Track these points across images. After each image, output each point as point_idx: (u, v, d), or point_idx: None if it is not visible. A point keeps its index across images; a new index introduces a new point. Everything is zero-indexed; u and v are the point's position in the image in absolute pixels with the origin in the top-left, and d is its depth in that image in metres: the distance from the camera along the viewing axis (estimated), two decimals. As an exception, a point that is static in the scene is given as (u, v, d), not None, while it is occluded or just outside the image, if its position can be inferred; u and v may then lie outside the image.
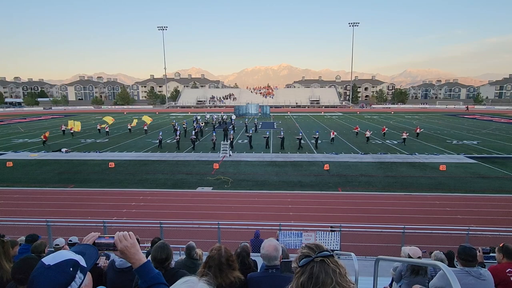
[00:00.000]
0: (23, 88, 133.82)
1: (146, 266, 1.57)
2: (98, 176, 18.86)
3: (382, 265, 4.61)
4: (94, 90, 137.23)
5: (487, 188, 16.20)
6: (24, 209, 13.46)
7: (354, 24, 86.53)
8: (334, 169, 19.97)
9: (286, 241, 8.97)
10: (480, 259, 4.21)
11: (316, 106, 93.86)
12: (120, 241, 1.54)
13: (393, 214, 12.93)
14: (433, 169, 19.81)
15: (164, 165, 21.44)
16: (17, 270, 2.20)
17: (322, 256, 1.38)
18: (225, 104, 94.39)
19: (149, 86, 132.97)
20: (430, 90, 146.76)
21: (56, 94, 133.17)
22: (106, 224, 9.93)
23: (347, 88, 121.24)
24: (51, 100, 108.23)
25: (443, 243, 9.08)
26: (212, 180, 17.76)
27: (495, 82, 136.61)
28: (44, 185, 17.03)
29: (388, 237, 10.30)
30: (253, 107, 66.27)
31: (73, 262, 1.21)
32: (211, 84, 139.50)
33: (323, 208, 13.72)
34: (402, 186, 16.54)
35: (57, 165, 21.43)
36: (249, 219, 12.14)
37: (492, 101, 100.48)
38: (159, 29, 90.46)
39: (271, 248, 2.80)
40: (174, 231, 10.80)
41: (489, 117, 58.24)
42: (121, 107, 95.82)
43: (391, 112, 74.94)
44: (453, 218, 12.47)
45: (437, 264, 2.04)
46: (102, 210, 13.50)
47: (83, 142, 30.92)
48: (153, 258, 2.87)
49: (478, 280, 3.14)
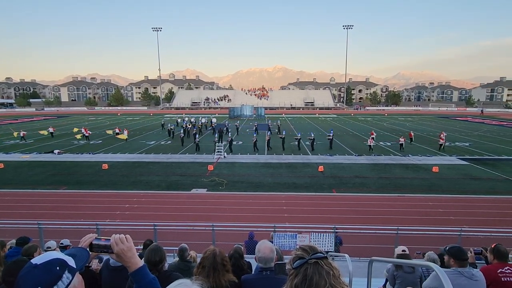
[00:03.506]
0: (15, 88, 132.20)
1: (142, 270, 1.55)
2: (91, 177, 18.67)
3: (376, 266, 4.64)
4: (88, 91, 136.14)
5: (479, 189, 16.40)
6: (15, 211, 13.25)
7: (348, 26, 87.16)
8: (329, 171, 20.05)
9: (281, 243, 8.96)
10: (471, 260, 4.27)
11: (311, 107, 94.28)
12: (116, 244, 1.51)
13: (386, 215, 13.01)
14: (426, 171, 20.00)
15: (158, 167, 21.32)
16: (7, 273, 2.16)
17: (316, 258, 1.38)
18: (219, 106, 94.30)
19: (144, 87, 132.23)
20: (423, 92, 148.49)
21: (48, 95, 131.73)
22: (99, 227, 9.85)
23: (341, 90, 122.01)
24: (44, 101, 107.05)
25: (436, 244, 9.15)
26: (206, 182, 17.70)
27: (486, 84, 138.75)
28: (36, 187, 16.78)
29: (382, 238, 10.35)
30: (248, 109, 66.29)
31: (60, 262, 1.20)
32: (205, 86, 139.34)
33: (318, 209, 13.75)
34: (396, 188, 16.67)
35: (49, 167, 21.17)
36: (243, 220, 12.11)
37: (483, 104, 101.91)
38: (153, 30, 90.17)
39: (267, 250, 2.80)
40: (168, 233, 10.74)
41: (481, 119, 59.05)
42: (114, 108, 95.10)
43: (385, 114, 75.61)
44: (446, 219, 12.59)
45: (429, 265, 2.06)
46: (95, 212, 13.37)
47: (76, 143, 30.60)
48: (147, 261, 2.85)
49: (471, 280, 3.17)
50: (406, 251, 5.09)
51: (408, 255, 5.10)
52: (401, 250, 5.08)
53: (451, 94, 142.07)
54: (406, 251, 5.09)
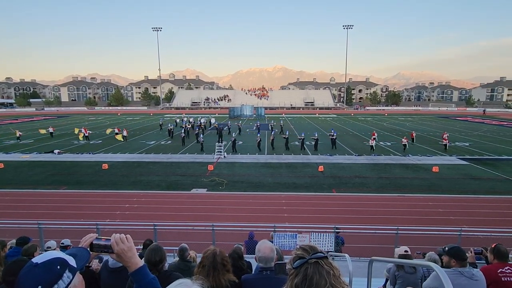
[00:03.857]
0: (15, 88, 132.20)
1: (142, 270, 1.55)
2: (91, 177, 18.68)
3: (376, 266, 4.64)
4: (88, 91, 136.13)
5: (479, 189, 16.40)
6: (15, 211, 13.26)
7: (348, 26, 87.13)
8: (328, 171, 20.05)
9: (281, 243, 8.96)
10: (472, 260, 4.27)
11: (311, 107, 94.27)
12: (116, 244, 1.51)
13: (386, 215, 13.01)
14: (426, 171, 20.00)
15: (158, 167, 21.32)
16: (7, 272, 2.16)
17: (316, 257, 1.38)
18: (219, 106, 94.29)
19: (144, 87, 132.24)
20: (423, 92, 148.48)
21: (48, 95, 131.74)
22: (99, 227, 9.84)
23: (342, 90, 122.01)
24: (44, 101, 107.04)
25: (436, 244, 9.15)
26: (206, 182, 17.70)
27: (486, 84, 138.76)
28: (36, 187, 16.79)
29: (382, 238, 10.35)
30: (248, 109, 66.27)
31: (61, 261, 1.20)
32: (205, 86, 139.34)
33: (318, 209, 13.75)
34: (396, 188, 16.67)
35: (49, 167, 21.17)
36: (243, 220, 12.11)
37: (483, 103, 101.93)
38: (153, 30, 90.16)
39: (268, 249, 2.79)
40: (168, 233, 10.74)
41: (481, 119, 59.04)
42: (114, 108, 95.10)
43: (385, 114, 75.60)
44: (446, 219, 12.59)
45: (430, 265, 2.06)
46: (95, 212, 13.37)
47: (76, 143, 30.60)
48: (147, 261, 2.84)
49: (471, 280, 3.18)
50: (408, 251, 5.10)
51: (410, 256, 5.11)
52: (403, 251, 5.08)
53: (451, 94, 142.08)
54: (408, 251, 5.10)
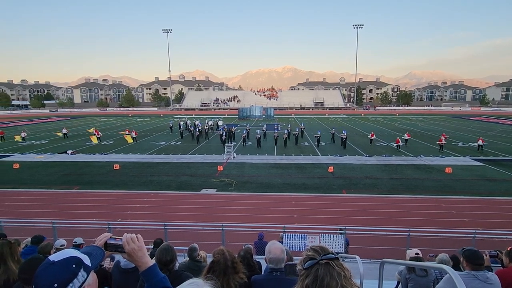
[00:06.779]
0: (30, 90, 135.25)
1: (152, 269, 1.57)
2: (103, 178, 18.98)
3: (387, 268, 4.58)
4: (100, 93, 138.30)
5: (494, 191, 16.02)
6: (30, 211, 13.57)
7: (358, 26, 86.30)
8: (339, 171, 19.89)
9: (290, 244, 8.93)
10: (487, 263, 4.17)
11: (320, 108, 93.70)
12: (127, 244, 1.54)
13: (398, 216, 12.82)
14: (439, 172, 19.64)
15: (168, 167, 21.52)
16: (23, 270, 2.21)
17: (327, 258, 1.37)
18: (229, 106, 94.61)
19: (154, 88, 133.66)
20: (435, 92, 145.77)
21: (62, 96, 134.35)
22: (110, 226, 9.99)
23: (352, 90, 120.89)
24: (57, 103, 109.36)
25: (449, 247, 8.97)
26: (216, 182, 17.78)
27: (501, 83, 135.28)
28: (49, 187, 17.15)
29: (393, 240, 10.21)
30: (257, 109, 66.33)
31: (77, 260, 1.23)
32: (215, 86, 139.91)
33: (328, 210, 13.65)
34: (407, 189, 16.41)
35: (62, 167, 21.61)
36: (253, 221, 12.10)
37: (498, 103, 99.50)
38: (163, 32, 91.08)
39: (278, 250, 2.78)
40: (178, 233, 10.82)
41: (496, 119, 57.67)
42: (126, 109, 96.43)
43: (396, 114, 74.58)
44: (460, 221, 12.34)
45: (443, 268, 2.02)
46: (107, 211, 13.57)
47: (89, 144, 31.14)
48: (158, 260, 2.87)
49: (485, 284, 3.10)
50: (419, 254, 5.01)
51: (421, 258, 5.02)
52: (414, 253, 4.99)
53: (464, 93, 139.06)
54: (419, 254, 5.01)
